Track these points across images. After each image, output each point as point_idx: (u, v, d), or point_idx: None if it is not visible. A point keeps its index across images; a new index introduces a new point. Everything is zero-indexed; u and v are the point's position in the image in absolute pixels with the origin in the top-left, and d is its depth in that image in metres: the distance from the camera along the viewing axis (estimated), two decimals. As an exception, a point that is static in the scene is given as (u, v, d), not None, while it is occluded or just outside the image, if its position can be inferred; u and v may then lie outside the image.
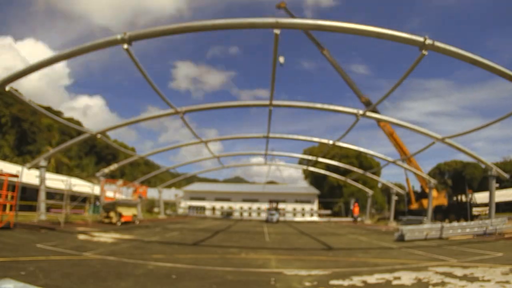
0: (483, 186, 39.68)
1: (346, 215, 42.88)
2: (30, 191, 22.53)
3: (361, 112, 16.59)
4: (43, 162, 18.75)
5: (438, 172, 57.43)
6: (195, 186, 53.30)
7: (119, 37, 10.63)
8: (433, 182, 25.45)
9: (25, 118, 45.64)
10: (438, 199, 28.81)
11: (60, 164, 36.02)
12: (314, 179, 55.18)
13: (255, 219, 39.22)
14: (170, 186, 42.40)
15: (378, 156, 26.72)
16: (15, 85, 16.27)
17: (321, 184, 51.89)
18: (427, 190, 26.18)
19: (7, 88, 12.86)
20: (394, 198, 31.25)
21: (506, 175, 19.48)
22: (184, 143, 26.56)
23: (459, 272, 6.24)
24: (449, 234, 14.49)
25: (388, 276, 5.89)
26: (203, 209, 48.24)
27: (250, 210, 48.10)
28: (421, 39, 10.14)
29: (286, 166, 46.61)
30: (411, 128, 17.70)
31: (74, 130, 36.60)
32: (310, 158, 36.78)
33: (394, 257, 8.79)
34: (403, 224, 22.19)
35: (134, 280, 5.23)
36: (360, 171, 34.28)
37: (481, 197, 29.09)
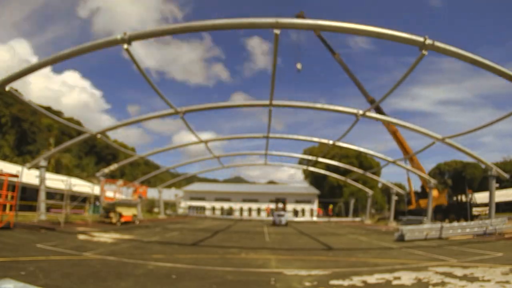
0: (483, 186, 39.66)
1: (346, 215, 42.95)
2: (30, 191, 22.51)
3: (361, 112, 16.62)
4: (43, 162, 18.76)
5: (438, 172, 57.41)
6: (195, 186, 53.31)
7: (119, 37, 10.63)
8: (433, 182, 25.45)
9: (25, 118, 45.66)
10: (438, 199, 28.79)
11: (59, 163, 35.93)
12: (314, 179, 55.21)
13: (255, 219, 39.23)
14: (170, 186, 42.39)
15: (378, 156, 26.72)
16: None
17: (321, 184, 51.92)
18: (428, 190, 26.17)
19: (7, 88, 12.87)
20: (394, 198, 31.28)
21: (506, 175, 19.48)
22: (184, 143, 26.58)
23: (459, 272, 6.24)
24: (449, 234, 14.49)
25: (388, 276, 5.89)
26: (203, 209, 48.28)
27: (250, 210, 48.14)
28: (421, 39, 10.16)
29: (286, 166, 46.58)
30: (412, 128, 17.72)
31: (74, 130, 36.59)
32: (310, 158, 36.79)
33: (394, 257, 8.79)
34: (403, 224, 22.18)
35: (134, 280, 5.23)
36: (360, 171, 34.29)
37: (481, 197, 29.08)
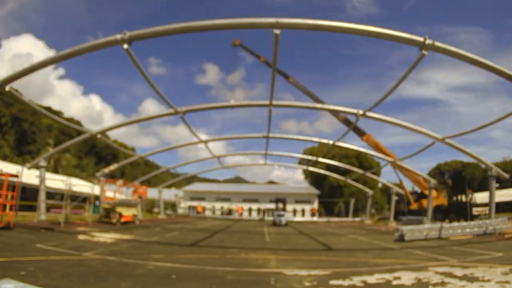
0: (483, 186, 39.64)
1: (347, 215, 42.97)
2: (30, 191, 22.49)
3: (361, 112, 16.66)
4: (43, 162, 18.76)
5: (438, 172, 57.36)
6: (195, 186, 53.29)
7: (119, 37, 10.63)
8: (433, 182, 25.44)
9: (25, 118, 45.59)
10: (438, 199, 28.77)
11: (58, 162, 35.89)
12: (314, 179, 55.18)
13: (255, 219, 39.22)
14: (170, 186, 42.38)
15: (378, 156, 26.68)
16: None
17: (321, 184, 51.90)
18: (427, 190, 26.12)
19: (7, 88, 12.86)
20: (394, 198, 31.29)
21: (506, 175, 19.48)
22: (184, 143, 26.54)
23: (459, 272, 6.24)
24: (449, 234, 14.49)
25: (388, 276, 5.89)
26: (203, 209, 48.28)
27: (250, 210, 48.12)
28: (421, 39, 10.16)
29: (286, 166, 46.55)
30: (411, 128, 17.70)
31: (74, 130, 36.59)
32: (310, 158, 36.78)
33: (394, 257, 8.79)
34: (403, 224, 22.17)
35: (134, 280, 5.23)
36: (360, 171, 34.27)
37: (481, 197, 29.08)
